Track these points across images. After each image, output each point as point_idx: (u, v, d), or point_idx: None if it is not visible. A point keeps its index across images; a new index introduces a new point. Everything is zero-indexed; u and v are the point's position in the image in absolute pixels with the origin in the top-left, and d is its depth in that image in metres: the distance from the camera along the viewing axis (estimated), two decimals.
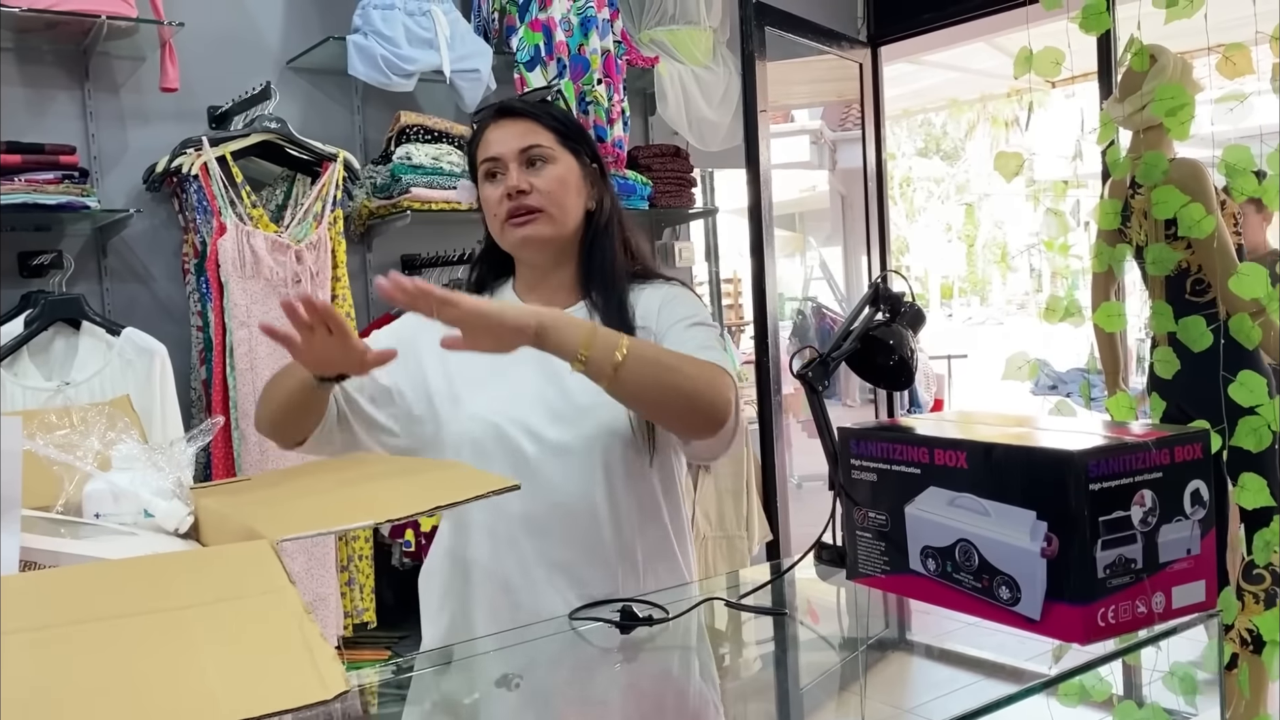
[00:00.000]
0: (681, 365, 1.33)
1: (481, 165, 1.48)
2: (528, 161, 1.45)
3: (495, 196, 1.45)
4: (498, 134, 1.47)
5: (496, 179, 1.46)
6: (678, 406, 1.33)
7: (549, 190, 1.44)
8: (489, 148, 1.47)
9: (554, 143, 1.47)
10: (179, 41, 2.49)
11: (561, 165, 1.46)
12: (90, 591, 0.74)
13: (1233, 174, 1.92)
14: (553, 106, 1.54)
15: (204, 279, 2.39)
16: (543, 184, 1.44)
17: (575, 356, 1.25)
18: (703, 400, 1.33)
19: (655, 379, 1.30)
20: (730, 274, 7.56)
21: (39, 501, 0.99)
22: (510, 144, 1.45)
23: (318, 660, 0.63)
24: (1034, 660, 1.15)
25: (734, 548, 3.17)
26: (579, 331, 1.26)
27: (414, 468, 1.20)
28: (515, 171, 1.44)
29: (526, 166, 1.45)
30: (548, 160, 1.45)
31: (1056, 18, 2.09)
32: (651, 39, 3.28)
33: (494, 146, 1.46)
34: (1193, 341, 1.99)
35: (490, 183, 1.47)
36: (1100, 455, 1.02)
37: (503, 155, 1.45)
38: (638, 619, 1.27)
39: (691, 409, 1.33)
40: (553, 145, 1.46)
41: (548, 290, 1.51)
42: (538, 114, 1.48)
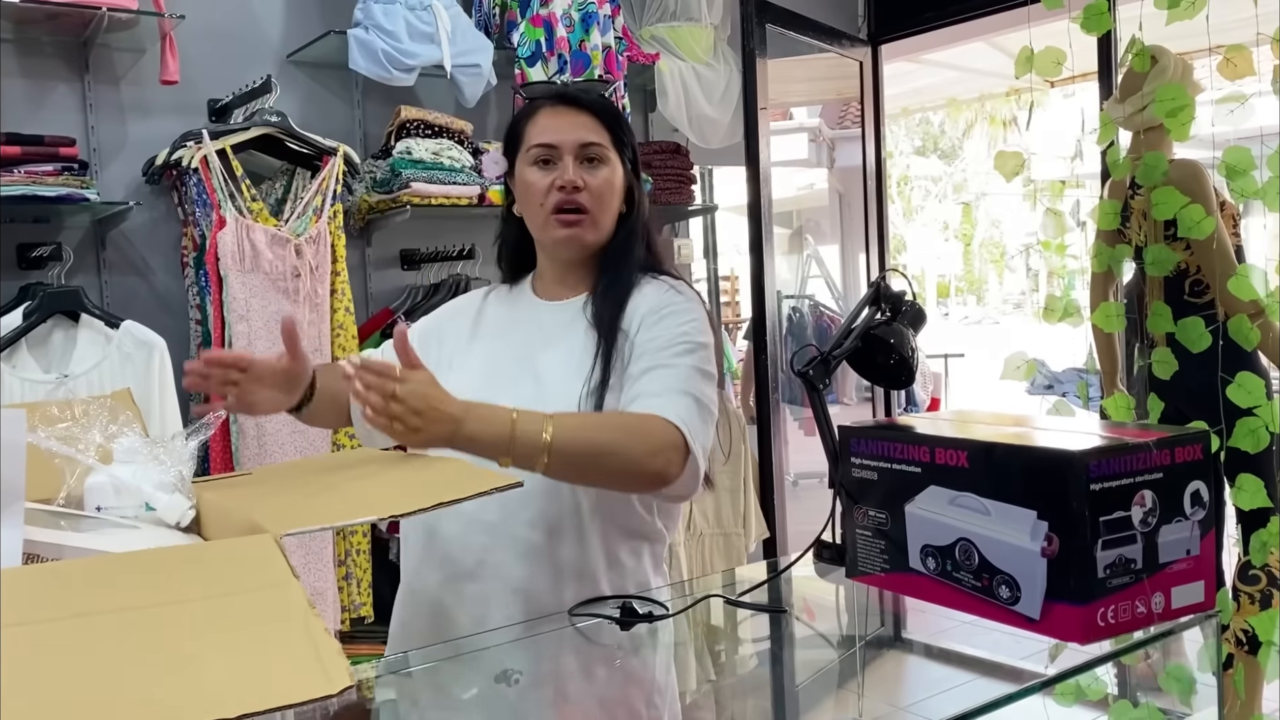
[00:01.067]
0: (614, 441, 1.28)
1: (532, 149, 1.43)
2: (585, 158, 1.42)
3: (544, 185, 1.41)
4: (557, 121, 1.43)
5: (549, 166, 1.42)
6: (611, 481, 1.31)
7: (600, 193, 1.41)
8: (545, 133, 1.43)
9: (609, 143, 1.44)
10: (179, 34, 2.48)
11: (612, 167, 1.44)
12: (94, 585, 0.74)
13: (1233, 175, 1.93)
14: (610, 104, 1.51)
15: (203, 272, 2.39)
16: (595, 184, 1.41)
17: (499, 456, 1.22)
18: (637, 472, 1.29)
19: (584, 465, 1.27)
20: (728, 271, 7.57)
21: (40, 494, 0.99)
22: (570, 135, 1.41)
23: (322, 655, 0.63)
24: (1030, 659, 1.16)
25: (731, 545, 3.17)
26: (499, 434, 1.22)
27: (415, 464, 1.20)
28: (571, 165, 1.40)
29: (582, 162, 1.42)
30: (603, 161, 1.43)
31: (1057, 17, 2.09)
32: (652, 35, 3.27)
33: (551, 134, 1.42)
34: (1191, 342, 1.99)
35: (540, 169, 1.42)
36: (1101, 455, 1.02)
37: (560, 145, 1.41)
38: (638, 615, 1.27)
39: (626, 480, 1.31)
40: (608, 145, 1.44)
41: (564, 284, 1.49)
42: (599, 110, 1.45)
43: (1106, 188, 2.65)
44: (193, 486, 1.05)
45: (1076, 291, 2.37)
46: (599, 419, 1.32)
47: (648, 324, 1.41)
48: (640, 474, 1.29)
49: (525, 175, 1.44)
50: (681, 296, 1.46)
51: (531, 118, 1.45)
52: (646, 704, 1.24)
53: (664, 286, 1.46)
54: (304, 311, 2.39)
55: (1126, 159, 2.22)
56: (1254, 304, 2.02)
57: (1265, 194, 1.90)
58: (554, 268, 1.50)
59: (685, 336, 1.40)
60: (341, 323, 2.50)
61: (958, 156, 18.06)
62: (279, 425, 2.36)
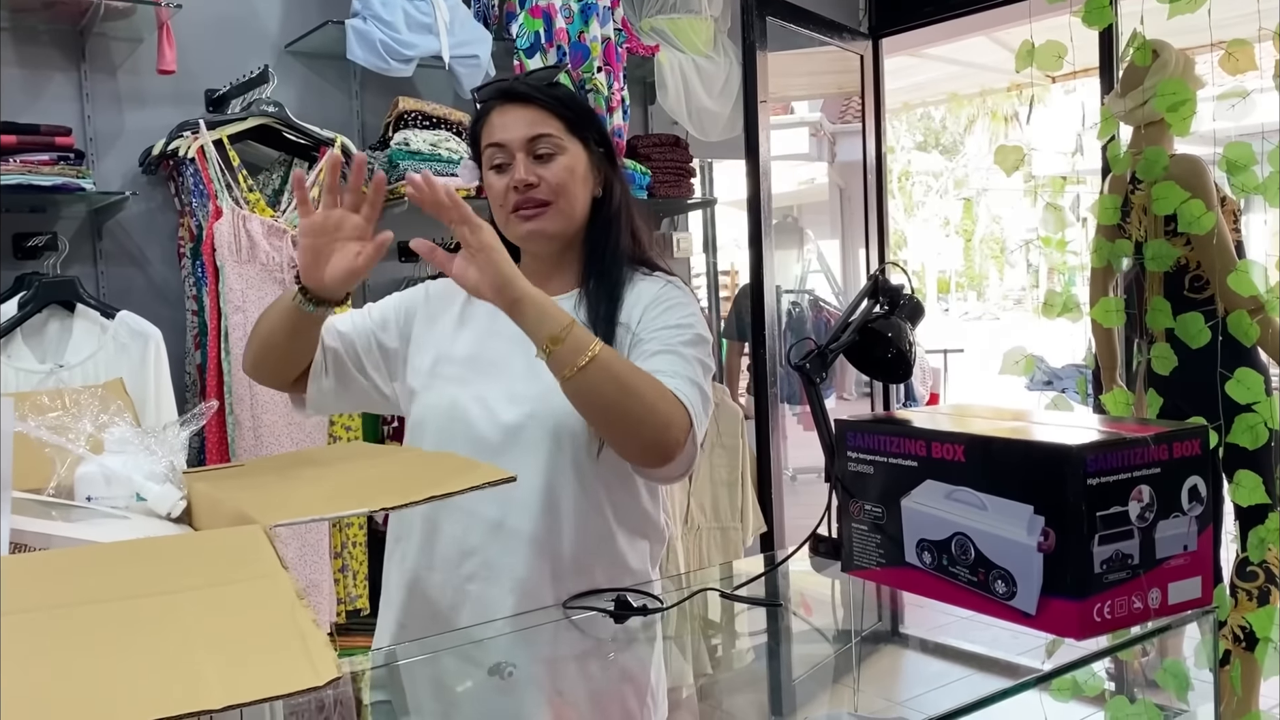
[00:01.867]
0: (644, 391, 1.28)
1: (486, 151, 1.43)
2: (535, 153, 1.40)
3: (501, 187, 1.41)
4: (503, 119, 1.42)
5: (503, 169, 1.42)
6: (623, 428, 1.29)
7: (557, 183, 1.40)
8: (493, 132, 1.42)
9: (562, 131, 1.42)
10: (176, 24, 2.47)
11: (570, 155, 1.42)
12: (82, 574, 0.73)
13: (1234, 170, 1.92)
14: (560, 90, 1.48)
15: (199, 263, 2.38)
16: (551, 176, 1.40)
17: (543, 343, 1.24)
18: (649, 431, 1.29)
19: (611, 394, 1.26)
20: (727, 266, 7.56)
21: (30, 484, 0.98)
22: (517, 132, 1.40)
23: (310, 646, 0.63)
24: (1026, 655, 1.15)
25: (728, 539, 3.17)
26: (555, 321, 1.24)
27: (409, 457, 1.20)
28: (522, 163, 1.40)
29: (534, 158, 1.40)
30: (556, 151, 1.41)
31: (1059, 12, 2.09)
32: (652, 27, 3.26)
33: (499, 133, 1.42)
34: (1190, 338, 1.99)
35: (496, 172, 1.42)
36: (1099, 450, 1.02)
37: (509, 144, 1.40)
38: (632, 609, 1.27)
39: (636, 435, 1.30)
40: (561, 135, 1.42)
41: (548, 279, 1.46)
42: (545, 100, 1.43)
43: (1107, 183, 2.64)
44: (184, 477, 1.04)
45: (1076, 287, 2.36)
46: (636, 368, 1.32)
47: (651, 314, 1.41)
48: (652, 435, 1.29)
49: (487, 179, 1.44)
50: (680, 291, 1.46)
51: (485, 120, 1.45)
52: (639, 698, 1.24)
53: (660, 281, 1.46)
54: None
55: (1127, 154, 2.22)
56: (1254, 300, 2.01)
57: (1266, 189, 1.90)
58: (536, 264, 1.47)
59: (691, 328, 1.41)
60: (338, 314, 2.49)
61: (959, 152, 18.03)
62: (275, 417, 2.35)
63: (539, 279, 1.45)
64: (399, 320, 1.51)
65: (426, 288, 1.55)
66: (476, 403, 1.39)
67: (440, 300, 1.52)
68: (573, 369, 1.23)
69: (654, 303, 1.42)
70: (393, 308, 1.53)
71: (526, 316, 1.24)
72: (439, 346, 1.46)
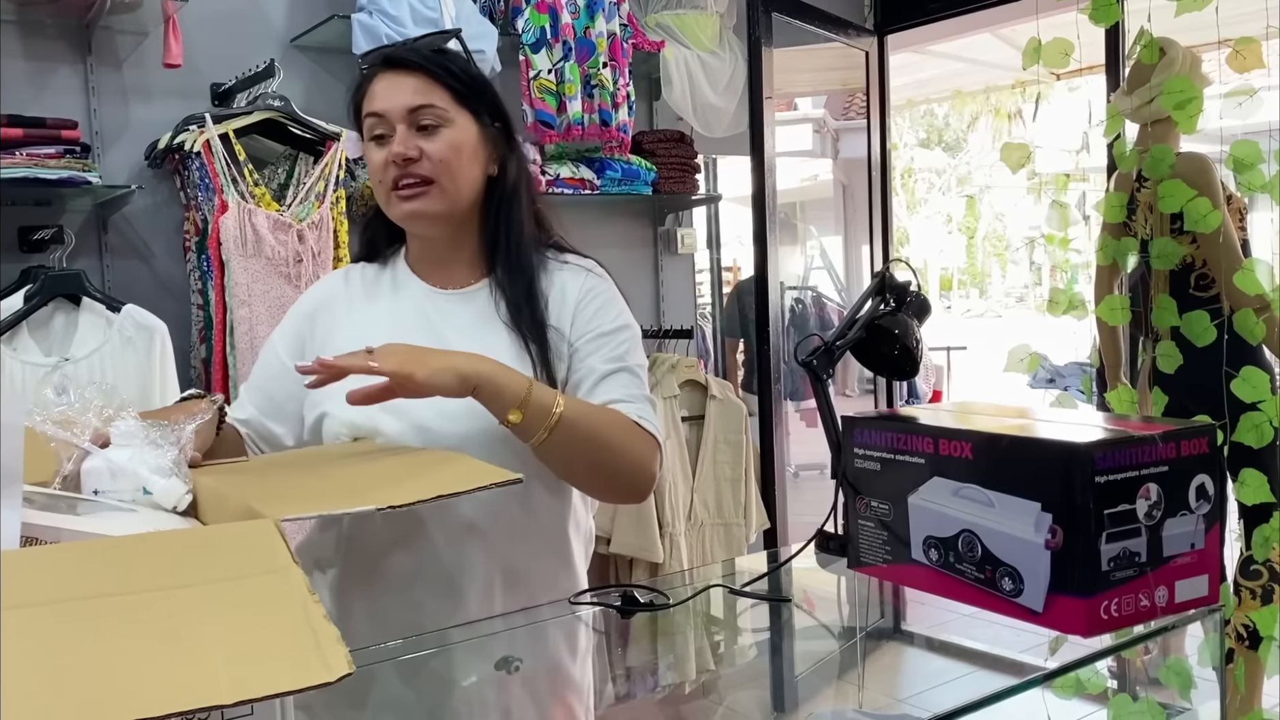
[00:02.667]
0: (614, 436, 1.23)
1: (366, 121, 1.31)
2: (418, 124, 1.29)
3: (380, 161, 1.29)
4: (384, 86, 1.30)
5: (383, 141, 1.29)
6: (599, 479, 1.26)
7: (441, 158, 1.28)
8: (373, 101, 1.30)
9: (449, 103, 1.30)
10: (182, 17, 2.47)
11: (457, 129, 1.30)
12: (92, 568, 0.73)
13: (1240, 169, 1.92)
14: (450, 57, 1.35)
15: (205, 257, 2.38)
16: (434, 150, 1.28)
17: (505, 416, 1.17)
18: (625, 477, 1.26)
19: (583, 449, 1.22)
20: (730, 262, 7.56)
21: (37, 477, 0.99)
22: (397, 100, 1.28)
23: (321, 642, 0.63)
24: (1029, 652, 1.15)
25: (731, 535, 3.17)
26: (515, 389, 1.17)
27: (415, 456, 1.19)
28: (403, 134, 1.28)
29: (416, 130, 1.29)
30: (441, 123, 1.29)
31: (1065, 9, 2.08)
32: (658, 23, 3.26)
33: (378, 101, 1.29)
34: (1196, 336, 1.99)
35: (375, 144, 1.30)
36: (1107, 448, 1.02)
37: (388, 113, 1.28)
38: (639, 604, 1.27)
39: (614, 482, 1.27)
40: (448, 105, 1.30)
41: (445, 265, 1.38)
42: (431, 68, 1.30)
43: (1113, 180, 2.64)
44: (189, 471, 1.04)
45: (1079, 285, 2.36)
46: (600, 409, 1.27)
47: (583, 316, 1.34)
48: (629, 479, 1.26)
49: (366, 151, 1.33)
50: (601, 280, 1.39)
51: (367, 87, 1.33)
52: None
53: (579, 272, 1.38)
54: None
55: (1133, 151, 2.21)
56: (1259, 298, 2.01)
57: (1272, 188, 1.90)
58: (427, 250, 1.38)
59: (627, 328, 1.35)
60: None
61: (962, 149, 18.01)
62: None
63: (434, 266, 1.38)
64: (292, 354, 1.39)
65: (314, 304, 1.43)
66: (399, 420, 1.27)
67: (325, 312, 1.41)
68: (542, 433, 1.18)
69: (582, 302, 1.34)
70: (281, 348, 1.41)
71: (484, 395, 1.16)
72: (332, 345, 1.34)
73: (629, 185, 3.06)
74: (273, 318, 2.35)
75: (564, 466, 1.25)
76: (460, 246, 1.37)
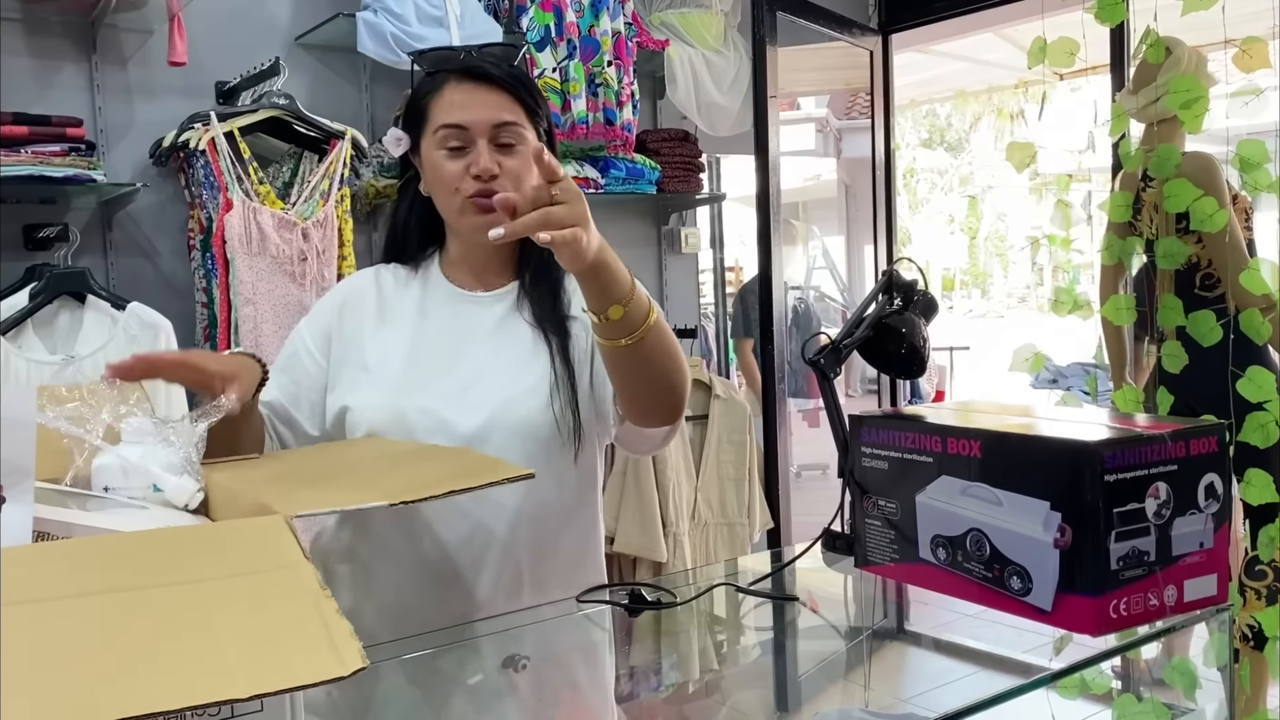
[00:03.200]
0: (678, 353, 1.25)
1: (440, 131, 1.31)
2: (499, 140, 1.31)
3: (456, 172, 1.31)
4: (465, 97, 1.31)
5: (459, 152, 1.31)
6: (661, 389, 1.25)
7: (517, 175, 1.30)
8: (452, 112, 1.31)
9: (524, 119, 1.33)
10: (188, 15, 2.47)
11: (529, 145, 1.32)
12: (105, 563, 0.73)
13: (1246, 168, 1.92)
14: (521, 72, 1.38)
15: (210, 255, 2.38)
16: (514, 167, 1.30)
17: (618, 302, 1.13)
18: (679, 393, 1.27)
19: (661, 358, 1.21)
20: (732, 261, 7.57)
21: (48, 474, 0.99)
22: (482, 115, 1.30)
23: (334, 636, 0.63)
24: (1033, 652, 1.15)
25: (735, 534, 3.17)
26: (625, 280, 1.14)
27: (425, 451, 1.20)
28: (486, 151, 1.30)
29: (496, 145, 1.31)
30: (519, 141, 1.32)
31: (1070, 8, 2.08)
32: (662, 22, 3.26)
33: (459, 113, 1.31)
34: (1202, 336, 1.98)
35: (450, 154, 1.31)
36: (1116, 447, 1.02)
37: (472, 127, 1.30)
38: (646, 603, 1.27)
39: (669, 397, 1.27)
40: (524, 122, 1.33)
41: (481, 270, 1.40)
42: (512, 84, 1.33)
43: (1118, 180, 2.63)
44: (201, 468, 1.04)
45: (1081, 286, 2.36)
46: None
47: None
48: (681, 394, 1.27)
49: (434, 159, 1.33)
50: None
51: (437, 93, 1.33)
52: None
53: None
54: (310, 295, 2.39)
55: (1139, 151, 2.21)
56: (1265, 298, 2.01)
57: (1278, 187, 1.89)
58: (472, 254, 1.40)
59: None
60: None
61: (964, 149, 18.00)
62: None
63: (470, 270, 1.40)
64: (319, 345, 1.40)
65: (343, 298, 1.43)
66: (423, 414, 1.30)
67: (354, 309, 1.41)
68: (635, 336, 1.16)
69: None
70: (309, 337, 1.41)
71: (602, 274, 1.12)
72: (364, 354, 1.37)
73: (633, 184, 3.06)
74: (277, 316, 2.35)
75: (637, 375, 1.24)
76: (500, 251, 1.39)
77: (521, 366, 1.34)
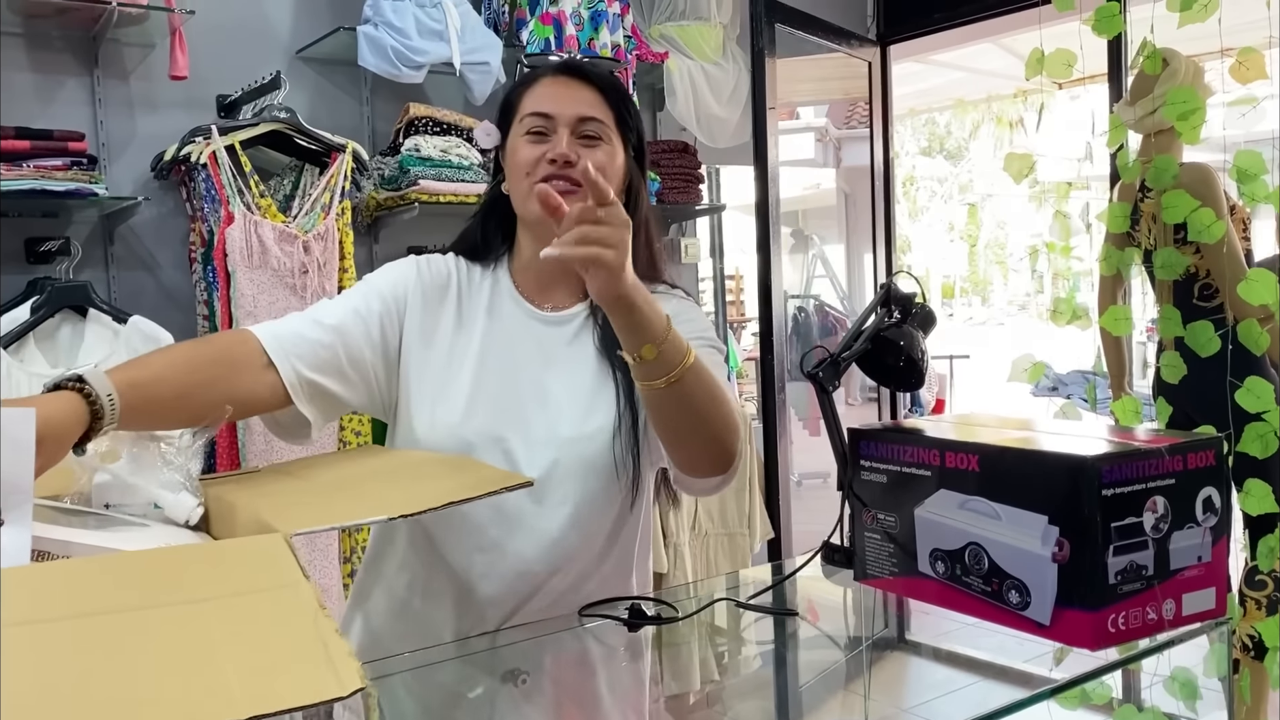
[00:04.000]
0: (723, 399, 1.21)
1: (526, 118, 1.31)
2: (582, 134, 1.31)
3: (533, 156, 1.29)
4: (555, 90, 1.32)
5: (540, 139, 1.30)
6: (705, 436, 1.23)
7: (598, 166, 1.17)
8: (541, 102, 1.31)
9: (611, 123, 1.33)
10: (189, 29, 2.48)
11: (613, 148, 1.33)
12: (104, 584, 0.74)
13: (1244, 179, 1.92)
14: (618, 81, 1.40)
15: (211, 268, 2.39)
16: (592, 159, 1.25)
17: (650, 342, 1.12)
18: (724, 442, 1.24)
19: (704, 403, 1.19)
20: (733, 270, 7.57)
21: (49, 492, 0.99)
22: (569, 107, 1.31)
23: (333, 656, 0.63)
24: (1035, 662, 1.15)
25: (736, 545, 3.17)
26: (659, 320, 1.13)
27: (424, 463, 1.20)
28: (566, 138, 1.29)
29: (579, 138, 1.31)
30: (603, 139, 1.32)
31: (1068, 19, 2.09)
32: (661, 34, 3.27)
33: (548, 103, 1.31)
34: (1200, 346, 1.98)
35: (531, 140, 1.31)
36: (1114, 461, 1.02)
37: (557, 116, 1.30)
38: (646, 617, 1.27)
39: (714, 445, 1.25)
40: (610, 125, 1.33)
41: (550, 282, 1.38)
42: (605, 86, 1.34)
43: (1116, 190, 2.64)
44: (200, 484, 1.05)
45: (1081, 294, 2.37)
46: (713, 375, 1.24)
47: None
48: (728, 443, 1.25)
49: (515, 144, 1.33)
50: (693, 306, 1.41)
51: (529, 86, 1.34)
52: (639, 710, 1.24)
53: (673, 298, 1.38)
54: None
55: (1136, 162, 2.22)
56: (1264, 308, 2.01)
57: (1276, 198, 1.90)
58: (540, 266, 1.36)
59: (713, 342, 1.35)
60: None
61: (964, 157, 18.02)
62: None
63: (538, 278, 1.37)
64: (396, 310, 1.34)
65: (418, 269, 1.38)
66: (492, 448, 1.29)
67: (434, 290, 1.37)
68: (670, 377, 1.14)
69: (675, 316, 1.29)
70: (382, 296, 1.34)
71: (634, 313, 1.10)
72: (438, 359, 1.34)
73: None
74: None
75: (673, 420, 1.22)
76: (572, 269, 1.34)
77: (588, 402, 1.32)
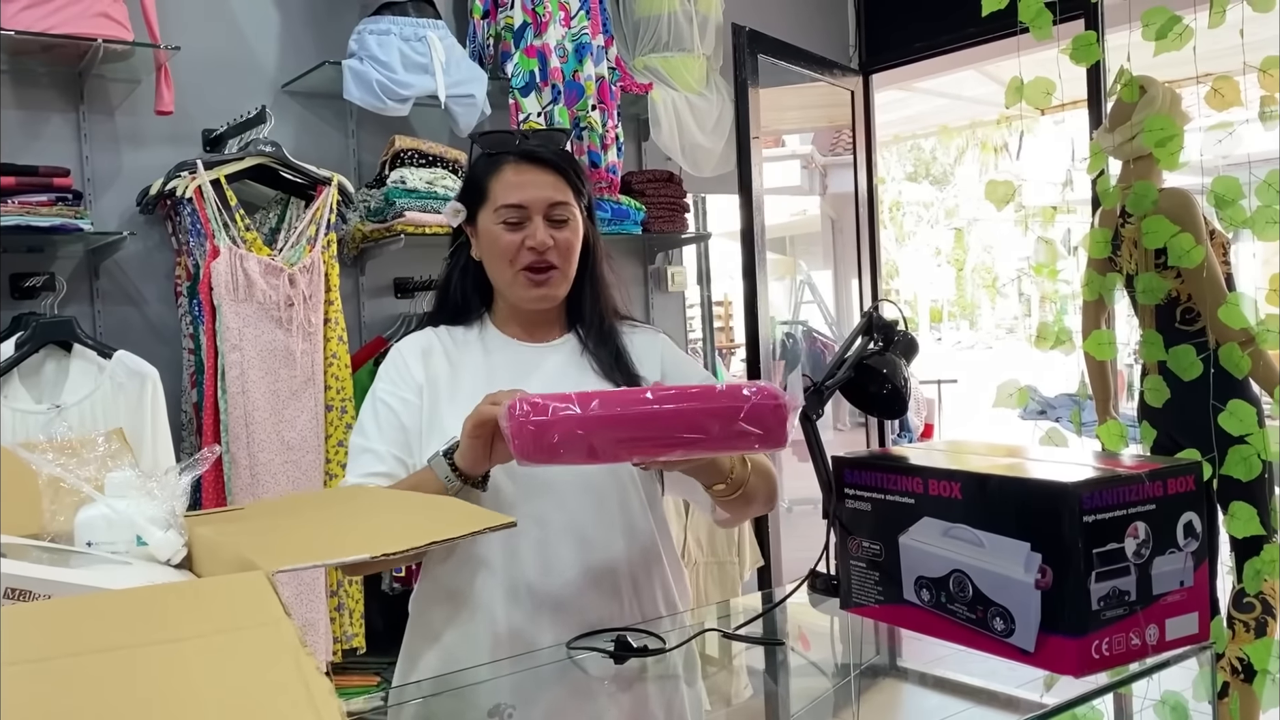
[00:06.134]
0: (772, 476, 1.46)
1: (500, 209, 1.45)
2: (551, 217, 1.45)
3: (513, 245, 1.44)
4: (523, 179, 1.46)
5: (516, 227, 1.44)
6: (758, 506, 1.47)
7: (567, 247, 1.46)
8: (511, 192, 1.45)
9: (572, 198, 1.47)
10: (174, 65, 2.49)
11: (577, 221, 1.48)
12: (85, 623, 0.73)
13: (1222, 205, 1.94)
14: (569, 155, 1.54)
15: (196, 302, 2.39)
16: (564, 240, 1.45)
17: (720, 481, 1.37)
18: (773, 500, 1.48)
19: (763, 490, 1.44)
20: (720, 297, 7.59)
21: (29, 530, 0.98)
22: (539, 195, 1.45)
23: (314, 695, 0.63)
24: (1024, 687, 1.15)
25: (725, 573, 3.16)
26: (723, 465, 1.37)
27: (406, 502, 1.20)
28: (541, 226, 1.44)
29: (549, 221, 1.45)
30: (569, 217, 1.46)
31: (1047, 46, 2.11)
32: (645, 65, 3.29)
33: (518, 193, 1.45)
34: (1183, 370, 2.00)
35: (506, 228, 1.45)
36: (1094, 487, 1.03)
37: (530, 205, 1.44)
38: (632, 649, 1.27)
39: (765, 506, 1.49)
40: (571, 200, 1.47)
41: (534, 324, 1.53)
42: (564, 168, 1.48)
43: (1097, 216, 2.66)
44: (184, 521, 1.04)
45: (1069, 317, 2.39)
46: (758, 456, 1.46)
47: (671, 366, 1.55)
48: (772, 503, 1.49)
49: (493, 232, 1.46)
50: (664, 339, 1.62)
51: (496, 174, 1.47)
52: None
53: (649, 333, 1.60)
54: (297, 340, 2.39)
55: (1116, 188, 2.24)
56: (1244, 332, 2.03)
57: (1254, 222, 1.92)
58: (522, 315, 1.53)
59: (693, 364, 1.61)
60: (335, 351, 2.50)
61: (949, 182, 18.14)
62: (271, 456, 2.35)
63: (523, 324, 1.54)
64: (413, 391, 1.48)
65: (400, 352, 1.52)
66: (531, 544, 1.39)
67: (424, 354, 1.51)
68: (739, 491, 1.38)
69: (667, 358, 1.57)
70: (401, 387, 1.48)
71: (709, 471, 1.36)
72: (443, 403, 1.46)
73: (619, 225, 3.08)
74: (264, 361, 2.36)
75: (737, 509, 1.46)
76: (554, 313, 1.55)
77: None
